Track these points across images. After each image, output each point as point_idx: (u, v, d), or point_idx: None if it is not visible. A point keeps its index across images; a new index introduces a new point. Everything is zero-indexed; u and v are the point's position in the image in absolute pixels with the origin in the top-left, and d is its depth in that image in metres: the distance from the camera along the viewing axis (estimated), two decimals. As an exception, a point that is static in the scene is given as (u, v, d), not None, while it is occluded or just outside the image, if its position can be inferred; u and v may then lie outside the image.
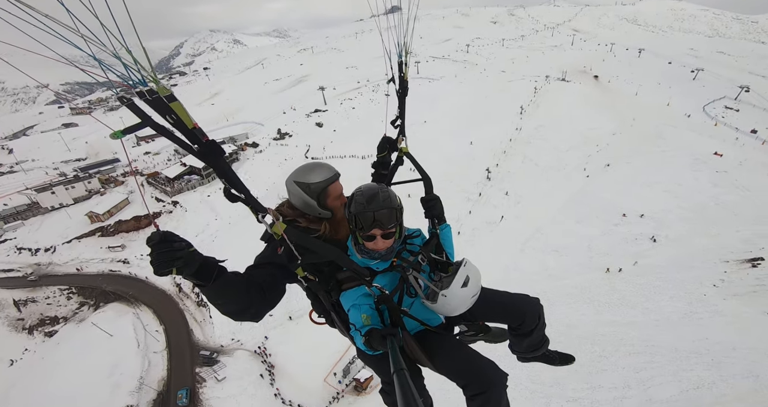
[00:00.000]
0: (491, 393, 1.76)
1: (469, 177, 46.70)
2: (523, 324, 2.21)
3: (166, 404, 25.05)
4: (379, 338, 1.70)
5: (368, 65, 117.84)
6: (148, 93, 1.12)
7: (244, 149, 66.24)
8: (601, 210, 35.90)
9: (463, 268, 1.92)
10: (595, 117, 57.53)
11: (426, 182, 2.52)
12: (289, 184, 2.06)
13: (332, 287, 1.99)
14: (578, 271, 29.57)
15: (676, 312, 23.58)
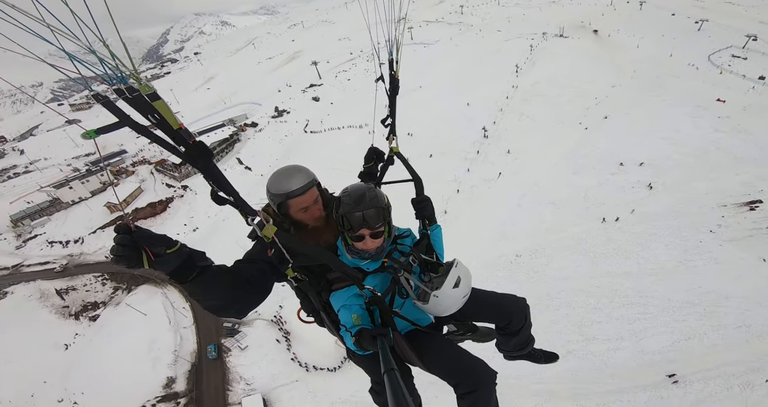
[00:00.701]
0: (481, 391, 1.75)
1: (467, 137, 45.89)
2: (510, 324, 2.19)
3: (199, 374, 26.88)
4: (369, 338, 1.67)
5: (361, 35, 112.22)
6: (128, 91, 1.03)
7: (245, 130, 65.53)
8: (598, 161, 35.22)
9: (455, 269, 1.90)
10: (593, 71, 54.89)
11: (417, 183, 2.43)
12: (266, 189, 2.01)
13: (322, 288, 1.96)
14: (575, 222, 29.53)
15: (671, 260, 23.65)
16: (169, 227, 46.93)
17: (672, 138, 35.13)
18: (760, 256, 22.73)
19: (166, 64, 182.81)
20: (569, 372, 19.49)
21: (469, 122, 49.01)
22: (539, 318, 22.84)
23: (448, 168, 42.22)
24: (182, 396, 26.53)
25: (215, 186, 1.34)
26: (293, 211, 1.97)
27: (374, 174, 2.47)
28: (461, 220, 34.77)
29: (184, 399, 26.28)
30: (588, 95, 48.82)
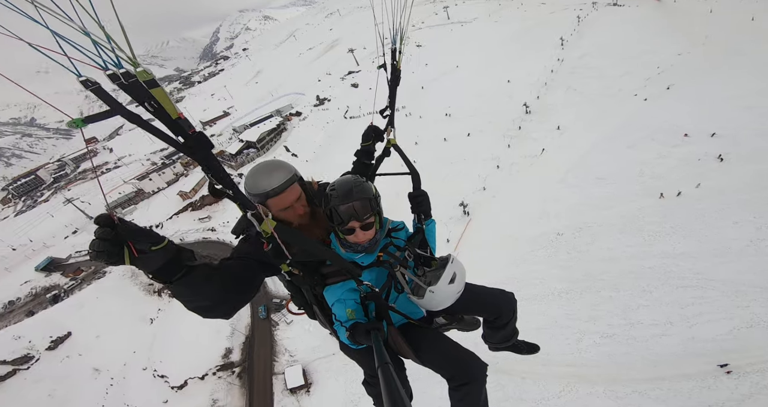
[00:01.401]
0: (474, 384, 1.76)
1: (507, 114, 43.22)
2: (499, 318, 2.20)
3: (251, 346, 29.59)
4: (363, 332, 1.62)
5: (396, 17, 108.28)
6: (124, 77, 0.94)
7: (290, 119, 67.78)
8: (659, 132, 31.20)
9: (451, 265, 1.87)
10: (653, 40, 47.82)
11: (414, 177, 2.31)
12: (244, 188, 1.88)
13: (317, 282, 1.89)
14: (628, 199, 26.84)
15: (739, 239, 20.61)
16: (230, 212, 51.07)
17: (752, 107, 29.86)
18: None
19: (220, 61, 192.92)
20: (606, 356, 18.30)
21: (510, 98, 45.97)
22: (577, 302, 21.51)
23: (487, 146, 40.36)
24: (237, 366, 29.51)
25: (213, 178, 1.25)
26: (274, 211, 1.82)
27: (371, 153, 2.36)
28: (500, 197, 33.44)
29: (239, 369, 29.24)
30: (648, 65, 42.94)
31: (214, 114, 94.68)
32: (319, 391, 25.18)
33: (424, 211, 2.24)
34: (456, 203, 32.82)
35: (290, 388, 25.43)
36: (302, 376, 25.55)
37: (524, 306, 22.61)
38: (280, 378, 26.65)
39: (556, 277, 23.59)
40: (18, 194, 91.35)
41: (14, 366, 32.92)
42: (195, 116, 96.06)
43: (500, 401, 19.47)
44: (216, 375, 29.00)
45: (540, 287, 23.37)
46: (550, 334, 19.90)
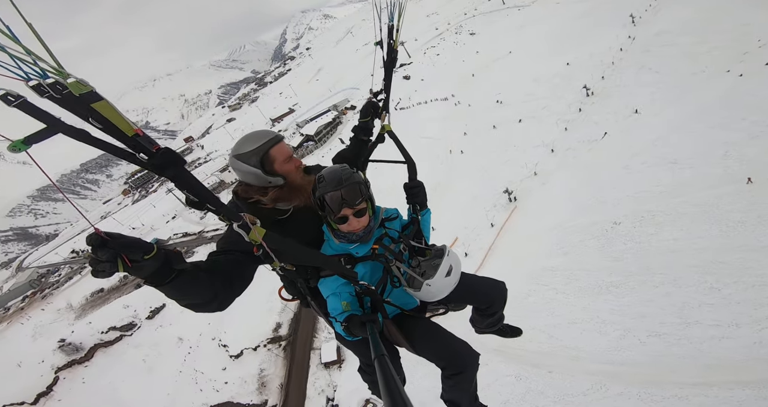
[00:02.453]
0: (466, 373, 1.81)
1: (564, 98, 39.69)
2: (490, 307, 2.24)
3: (298, 322, 32.23)
4: (358, 325, 1.61)
5: (448, 7, 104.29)
6: (53, 88, 0.80)
7: (345, 113, 70.70)
8: (755, 109, 26.03)
9: (447, 257, 1.85)
10: (752, 10, 39.02)
11: (410, 167, 2.22)
12: (231, 161, 1.80)
13: (310, 275, 1.83)
14: (705, 184, 23.12)
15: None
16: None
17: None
18: None
19: (287, 62, 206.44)
20: (650, 356, 16.44)
21: (568, 82, 42.04)
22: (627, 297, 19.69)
23: (540, 132, 37.73)
24: (284, 340, 32.66)
25: (191, 195, 1.18)
26: (279, 163, 1.79)
27: (369, 129, 2.30)
28: (551, 184, 31.31)
29: (284, 342, 32.38)
30: (745, 39, 35.39)
31: (281, 111, 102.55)
32: (349, 367, 26.90)
33: (420, 202, 2.16)
34: (500, 190, 31.61)
35: (324, 363, 27.69)
36: (336, 352, 27.52)
37: (562, 299, 21.49)
38: (317, 353, 29.10)
39: (607, 269, 21.67)
40: (135, 186, 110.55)
41: (121, 332, 39.63)
42: (266, 114, 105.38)
43: (522, 394, 18.91)
44: (266, 347, 32.67)
45: (586, 279, 21.72)
46: (582, 329, 18.66)
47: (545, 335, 20.25)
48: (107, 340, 39.05)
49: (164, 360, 36.79)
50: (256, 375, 31.08)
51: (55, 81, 0.80)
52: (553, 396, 18.15)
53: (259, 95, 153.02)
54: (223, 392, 31.52)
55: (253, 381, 30.83)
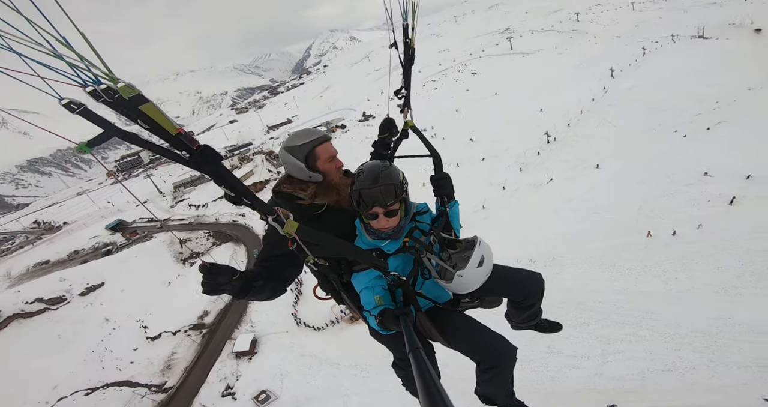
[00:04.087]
0: (502, 367, 1.81)
1: (528, 142, 43.06)
2: (526, 300, 2.19)
3: (227, 312, 33.61)
4: (392, 318, 1.64)
5: (461, 46, 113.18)
6: (106, 93, 0.90)
7: (335, 130, 74.76)
8: (679, 170, 28.78)
9: (478, 248, 1.85)
10: (723, 73, 43.82)
11: (435, 160, 2.31)
12: (281, 152, 1.97)
13: (344, 270, 1.90)
14: (616, 234, 25.38)
15: (712, 285, 18.46)
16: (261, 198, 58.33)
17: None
18: None
19: (303, 76, 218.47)
20: None
21: (536, 127, 45.76)
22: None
23: (498, 171, 40.72)
24: (206, 327, 33.71)
25: (228, 190, 1.27)
26: (322, 161, 1.94)
27: (388, 145, 2.40)
28: (492, 219, 33.73)
29: (206, 330, 33.44)
30: (706, 100, 39.54)
31: (279, 121, 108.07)
32: (259, 360, 27.95)
33: (448, 193, 2.19)
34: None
35: (236, 352, 28.69)
36: (249, 344, 28.62)
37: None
38: (232, 343, 30.14)
39: (506, 298, 23.46)
40: (120, 169, 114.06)
41: (47, 305, 39.82)
42: (265, 121, 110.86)
43: None
44: (186, 333, 33.68)
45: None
46: None
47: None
48: (28, 311, 39.58)
49: (81, 338, 37.33)
50: (166, 357, 31.86)
51: (107, 86, 0.90)
52: None
53: (267, 103, 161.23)
54: (126, 371, 32.25)
55: (160, 363, 31.56)
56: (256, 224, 51.35)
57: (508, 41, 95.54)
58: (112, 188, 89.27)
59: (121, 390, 30.71)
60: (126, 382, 30.95)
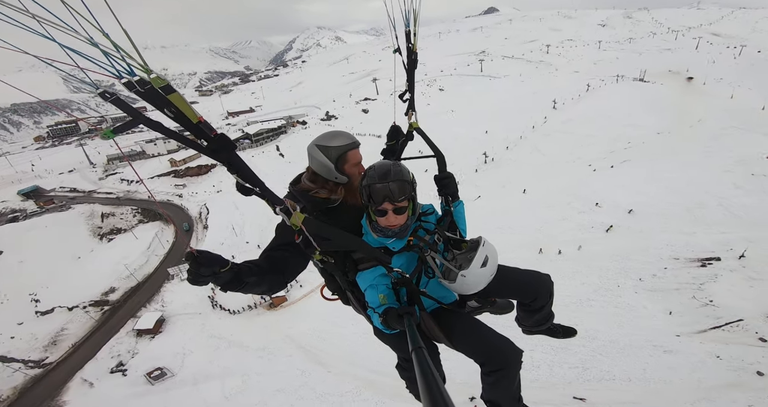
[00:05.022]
0: (507, 370, 1.80)
1: (468, 159, 46.60)
2: (535, 301, 2.17)
3: (137, 290, 32.64)
4: (396, 317, 1.64)
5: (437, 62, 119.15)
6: (139, 84, 0.97)
7: (294, 125, 75.33)
8: (579, 199, 32.99)
9: (482, 248, 1.86)
10: (644, 116, 50.80)
11: (439, 159, 2.37)
12: (311, 148, 1.99)
13: (349, 268, 1.92)
14: (513, 249, 28.48)
15: (571, 296, 21.72)
16: (203, 185, 57.15)
17: (678, 189, 31.23)
18: (668, 308, 19.74)
19: (279, 68, 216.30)
20: None
21: (480, 146, 49.89)
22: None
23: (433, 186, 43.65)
24: (110, 305, 32.49)
25: (240, 178, 1.32)
26: (349, 165, 2.00)
27: (395, 151, 2.44)
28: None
29: (109, 307, 32.21)
30: (621, 139, 45.57)
31: (242, 108, 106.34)
32: (161, 339, 27.54)
33: (452, 193, 2.24)
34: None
35: (137, 330, 27.96)
36: (155, 323, 28.05)
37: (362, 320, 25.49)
38: (136, 321, 29.40)
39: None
40: (51, 135, 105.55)
41: None
42: (227, 107, 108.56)
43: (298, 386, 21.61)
44: (84, 309, 32.22)
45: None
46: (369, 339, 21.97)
47: (346, 341, 23.33)
48: None
49: None
50: (53, 333, 30.19)
51: (140, 78, 0.97)
52: (320, 392, 20.82)
53: (234, 89, 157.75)
54: (2, 346, 30.12)
55: (45, 338, 29.85)
56: (191, 206, 50.28)
57: (480, 63, 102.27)
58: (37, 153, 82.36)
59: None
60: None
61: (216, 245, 38.70)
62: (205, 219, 43.31)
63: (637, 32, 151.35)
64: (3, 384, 26.43)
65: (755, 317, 18.93)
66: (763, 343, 17.89)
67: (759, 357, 17.30)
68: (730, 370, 17.01)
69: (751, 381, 16.44)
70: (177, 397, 22.35)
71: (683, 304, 20.40)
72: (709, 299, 20.27)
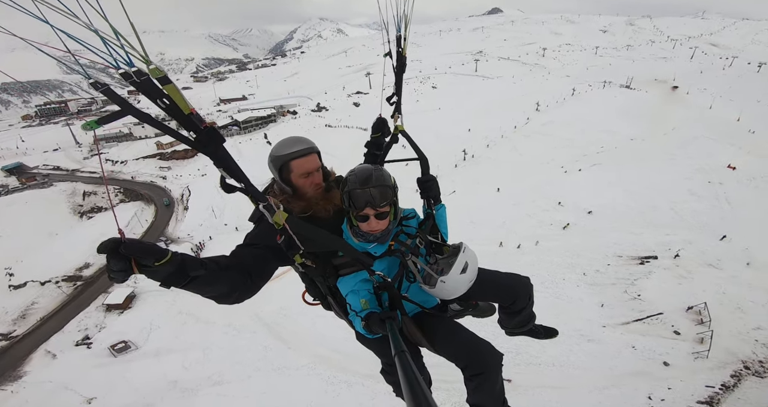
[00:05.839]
0: (488, 373, 1.82)
1: (447, 156, 48.05)
2: (514, 304, 2.22)
3: None
4: (378, 321, 1.65)
5: (433, 60, 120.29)
6: (136, 75, 0.96)
7: (285, 115, 76.28)
8: (544, 197, 34.56)
9: (462, 254, 1.89)
10: (620, 122, 52.57)
11: (422, 162, 2.37)
12: (268, 158, 1.97)
13: (329, 273, 1.92)
14: (478, 242, 30.03)
15: (524, 287, 23.53)
16: (188, 168, 58.00)
17: (635, 193, 33.00)
18: (600, 302, 21.36)
19: (277, 58, 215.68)
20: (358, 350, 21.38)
21: (460, 144, 51.31)
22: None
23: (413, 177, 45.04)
24: (83, 280, 33.29)
25: (225, 172, 1.29)
26: (295, 175, 1.94)
27: (380, 144, 2.42)
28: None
29: (81, 283, 33.03)
30: (596, 143, 47.24)
31: (235, 96, 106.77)
32: (130, 314, 28.62)
33: (434, 196, 2.24)
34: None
35: (107, 304, 29.01)
36: (124, 298, 29.04)
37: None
38: (106, 296, 30.48)
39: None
40: (39, 115, 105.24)
41: None
42: (219, 94, 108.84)
43: (257, 359, 22.92)
44: (57, 284, 33.11)
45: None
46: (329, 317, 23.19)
47: (308, 319, 24.12)
48: None
49: None
50: (23, 307, 30.99)
51: (137, 68, 0.95)
52: (277, 365, 22.05)
53: (230, 77, 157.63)
54: None
55: (14, 312, 30.64)
56: (174, 188, 51.24)
57: (475, 63, 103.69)
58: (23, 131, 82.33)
59: (-45, 338, 29.39)
60: (-34, 330, 29.66)
61: (195, 227, 39.88)
62: (186, 200, 44.44)
63: (636, 40, 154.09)
64: (-32, 354, 27.30)
65: (674, 311, 20.51)
66: (676, 336, 19.48)
67: (669, 348, 18.89)
68: (641, 360, 18.52)
69: (657, 370, 17.98)
70: (137, 368, 23.44)
71: (615, 298, 21.96)
72: (637, 293, 21.85)
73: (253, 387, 20.37)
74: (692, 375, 17.72)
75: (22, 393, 23.13)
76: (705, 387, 17.09)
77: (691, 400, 16.68)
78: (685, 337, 19.49)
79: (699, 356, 18.42)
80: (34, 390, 23.15)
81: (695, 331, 19.64)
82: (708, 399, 16.70)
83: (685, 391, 17.01)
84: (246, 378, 21.12)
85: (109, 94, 1.02)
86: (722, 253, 25.08)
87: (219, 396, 20.33)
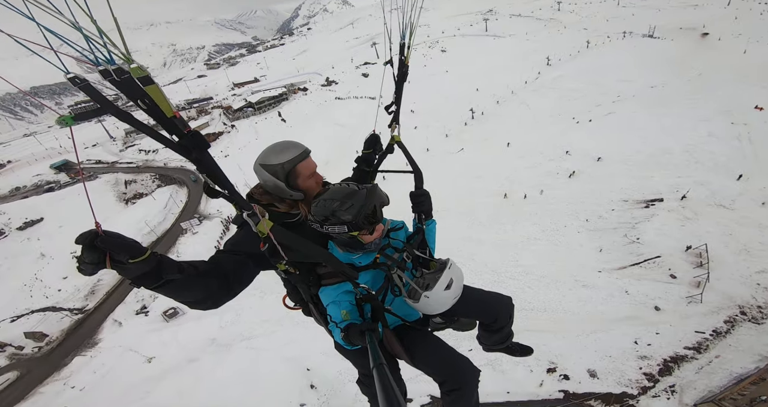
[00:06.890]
0: (465, 389, 1.83)
1: (456, 115, 47.72)
2: (495, 322, 2.25)
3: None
4: (358, 333, 1.64)
5: (441, 24, 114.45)
6: (117, 73, 0.91)
7: (296, 92, 76.73)
8: (552, 148, 34.09)
9: (448, 270, 1.88)
10: (639, 71, 49.31)
11: (417, 176, 2.33)
12: (256, 168, 1.88)
13: (312, 282, 1.89)
14: (486, 194, 30.55)
15: (523, 235, 23.88)
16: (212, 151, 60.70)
17: (648, 138, 31.92)
18: (600, 247, 21.54)
19: (285, 36, 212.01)
20: None
21: (468, 103, 50.36)
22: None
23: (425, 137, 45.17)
24: None
25: (209, 179, 1.26)
26: (302, 178, 1.89)
27: (371, 161, 2.37)
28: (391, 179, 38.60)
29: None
30: (610, 93, 45.00)
31: (247, 79, 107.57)
32: None
33: (425, 211, 2.23)
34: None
35: None
36: None
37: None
38: None
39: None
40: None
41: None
42: (233, 78, 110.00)
43: None
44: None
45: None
46: None
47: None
48: (-38, 244, 40.80)
49: (15, 273, 39.48)
50: (92, 284, 35.23)
51: (118, 67, 0.90)
52: (299, 321, 23.80)
53: (241, 61, 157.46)
54: (52, 298, 35.34)
55: (85, 289, 34.94)
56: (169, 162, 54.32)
57: (485, 22, 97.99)
58: (61, 132, 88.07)
59: (44, 314, 33.62)
60: (50, 308, 33.99)
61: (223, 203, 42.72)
62: (209, 184, 47.84)
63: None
64: (55, 328, 31.56)
65: (673, 254, 20.01)
66: (672, 279, 19.01)
67: (662, 292, 18.46)
68: (632, 305, 18.27)
69: (647, 315, 17.66)
70: (184, 330, 26.75)
71: (615, 242, 21.81)
72: (636, 237, 21.58)
73: (277, 340, 22.72)
74: (683, 320, 17.20)
75: (99, 357, 26.88)
76: (694, 333, 16.61)
77: (678, 345, 16.28)
78: (681, 281, 18.95)
79: (693, 300, 17.85)
80: (107, 353, 26.80)
81: (692, 274, 18.97)
82: (695, 344, 16.17)
83: (673, 336, 16.62)
84: (271, 333, 23.51)
85: (88, 91, 0.94)
86: (736, 193, 23.92)
87: (248, 349, 22.87)
